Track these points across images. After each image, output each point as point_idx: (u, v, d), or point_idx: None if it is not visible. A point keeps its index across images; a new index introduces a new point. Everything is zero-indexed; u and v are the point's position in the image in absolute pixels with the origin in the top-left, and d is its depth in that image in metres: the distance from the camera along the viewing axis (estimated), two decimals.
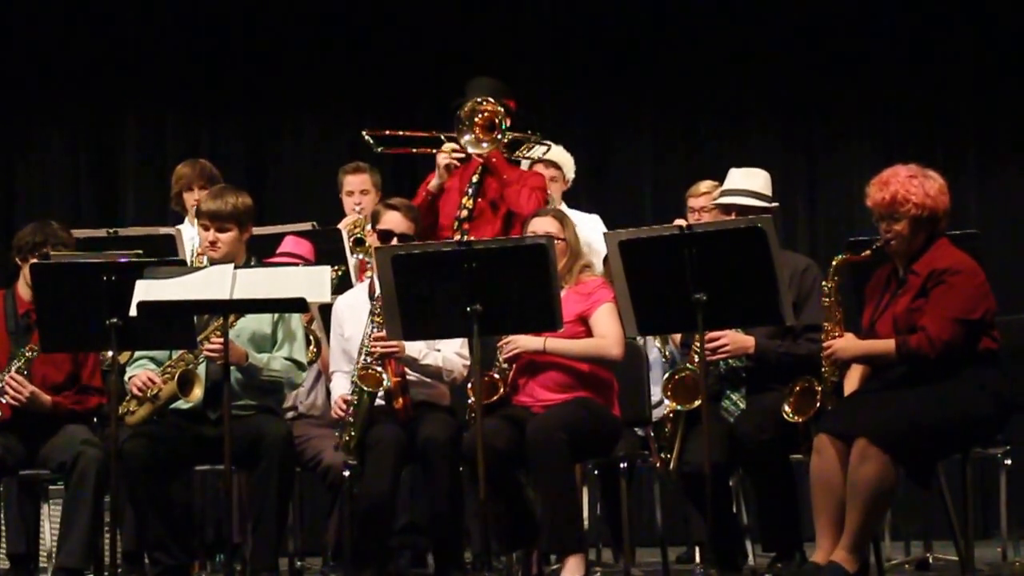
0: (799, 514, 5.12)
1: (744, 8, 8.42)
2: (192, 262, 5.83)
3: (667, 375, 5.24)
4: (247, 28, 8.39)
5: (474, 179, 6.09)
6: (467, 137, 6.02)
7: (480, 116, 6.02)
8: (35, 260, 5.36)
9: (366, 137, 6.26)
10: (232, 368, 5.08)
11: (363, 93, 8.33)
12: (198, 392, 5.16)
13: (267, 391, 5.32)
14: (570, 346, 5.25)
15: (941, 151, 8.15)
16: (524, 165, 6.56)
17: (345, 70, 8.38)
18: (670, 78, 8.41)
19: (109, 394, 5.24)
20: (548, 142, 6.40)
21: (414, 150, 6.39)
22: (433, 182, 6.11)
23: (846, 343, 4.89)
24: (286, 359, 5.30)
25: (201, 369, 5.21)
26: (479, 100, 6.01)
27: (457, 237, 5.93)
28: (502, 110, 6.00)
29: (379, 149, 6.26)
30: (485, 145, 6.01)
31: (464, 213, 6.04)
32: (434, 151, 6.15)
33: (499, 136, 6.01)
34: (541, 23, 8.48)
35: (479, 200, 6.07)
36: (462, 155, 6.07)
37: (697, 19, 8.43)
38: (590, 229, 6.22)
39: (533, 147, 6.27)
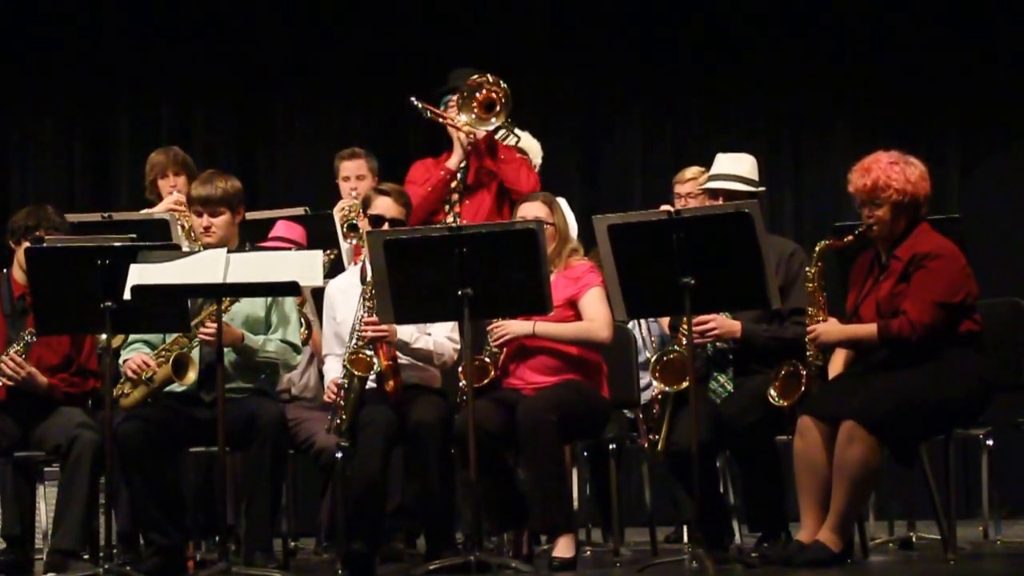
0: (784, 494, 5.19)
1: None
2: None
3: (655, 357, 5.30)
4: (240, 13, 8.41)
5: (462, 162, 6.14)
6: (471, 116, 6.08)
7: (480, 94, 6.08)
8: (28, 244, 5.40)
9: (414, 103, 6.26)
10: (227, 350, 5.14)
11: (355, 78, 8.37)
12: (192, 375, 5.21)
13: (262, 372, 5.38)
14: (560, 330, 5.30)
15: (924, 137, 8.21)
16: None
17: (337, 56, 8.42)
18: (657, 66, 8.46)
19: (104, 377, 5.28)
20: (518, 132, 6.49)
21: (441, 121, 6.38)
22: (453, 160, 6.14)
23: (829, 327, 4.95)
24: (281, 341, 5.36)
25: (195, 352, 5.26)
26: (479, 79, 6.06)
27: (450, 219, 6.00)
28: (501, 88, 6.05)
29: (428, 115, 6.27)
30: (494, 122, 6.07)
31: (455, 196, 6.10)
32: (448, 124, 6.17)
33: (501, 113, 6.06)
34: (532, 12, 8.51)
35: (467, 181, 6.13)
36: (479, 135, 6.11)
37: (684, 7, 8.48)
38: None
39: (507, 136, 6.32)
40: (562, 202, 6.42)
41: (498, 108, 6.07)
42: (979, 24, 8.35)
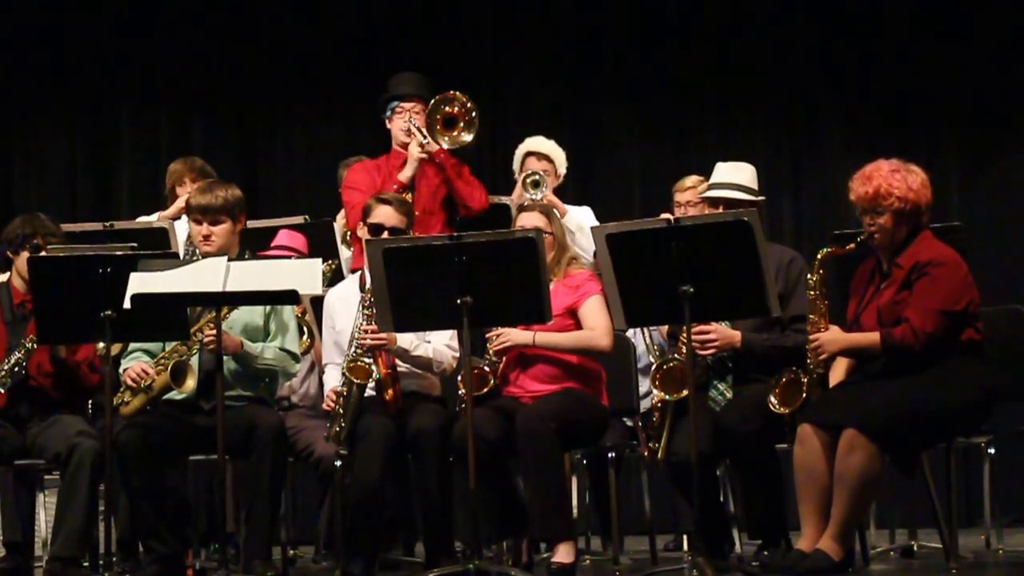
0: (784, 502, 5.18)
1: (729, 5, 8.48)
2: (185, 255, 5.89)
3: (655, 365, 5.29)
4: (240, 22, 8.42)
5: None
6: (442, 137, 6.13)
7: (447, 109, 6.12)
8: (27, 252, 5.41)
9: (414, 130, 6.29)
10: (226, 358, 5.14)
11: (355, 87, 8.37)
12: (191, 383, 5.21)
13: (261, 380, 5.38)
14: (559, 339, 5.29)
15: (923, 146, 8.21)
16: (517, 158, 6.63)
17: (337, 64, 8.43)
18: (657, 74, 8.47)
19: (104, 385, 5.28)
20: (544, 140, 6.54)
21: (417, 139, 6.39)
22: (405, 173, 6.16)
23: (832, 336, 4.95)
24: (280, 349, 5.36)
25: (194, 360, 5.26)
26: (446, 97, 6.12)
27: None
28: (469, 106, 6.10)
29: (400, 139, 6.31)
30: (463, 138, 6.11)
31: None
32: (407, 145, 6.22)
33: (465, 129, 6.11)
34: (530, 19, 8.53)
35: (417, 193, 6.15)
36: (432, 149, 6.15)
37: (683, 17, 8.49)
38: (583, 220, 6.34)
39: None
40: (588, 212, 6.46)
41: (461, 124, 6.12)
42: (979, 31, 8.35)
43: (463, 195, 6.17)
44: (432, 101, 6.16)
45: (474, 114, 6.12)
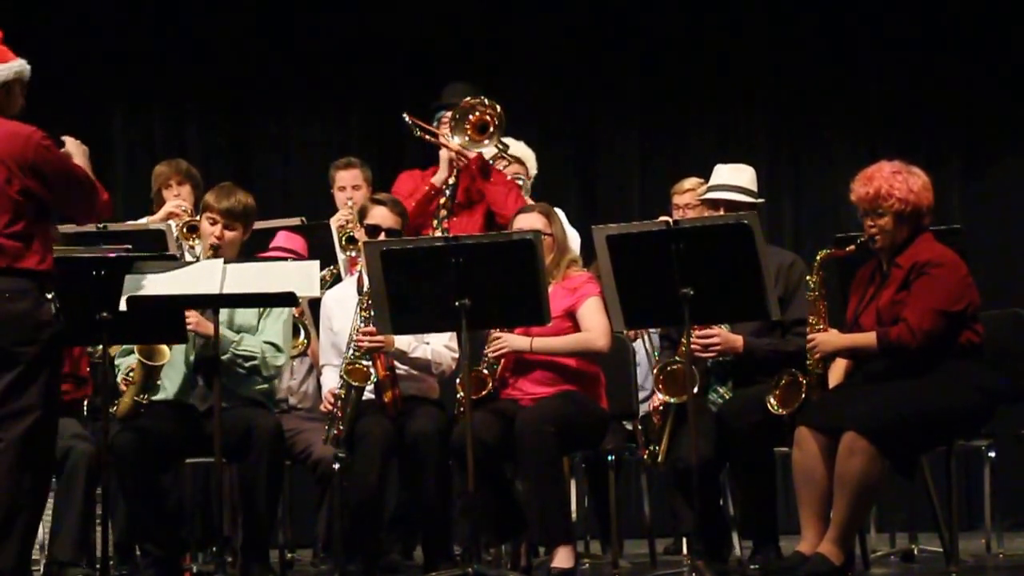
0: (776, 504, 5.15)
1: (730, 9, 8.47)
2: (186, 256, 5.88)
3: (659, 367, 5.27)
4: (233, 24, 8.40)
5: (450, 180, 6.14)
6: (464, 138, 6.10)
7: (473, 116, 6.10)
8: None
9: (406, 119, 6.27)
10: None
11: (348, 89, 8.36)
12: (165, 350, 5.18)
13: (251, 373, 5.33)
14: (557, 344, 5.27)
15: (925, 148, 8.20)
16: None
17: (329, 66, 8.41)
18: (656, 77, 8.46)
19: (98, 386, 5.26)
20: (512, 142, 6.50)
21: (430, 139, 6.39)
22: (438, 176, 6.15)
23: (828, 336, 4.94)
24: (264, 342, 5.33)
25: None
26: (473, 101, 6.08)
27: (439, 234, 6.00)
28: (496, 110, 6.08)
29: (418, 134, 6.29)
30: (487, 144, 6.10)
31: (443, 212, 6.11)
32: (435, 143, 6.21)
33: (494, 135, 6.09)
34: (529, 22, 8.51)
35: (456, 199, 6.14)
36: (470, 155, 6.13)
37: (683, 19, 8.48)
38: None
39: (499, 152, 6.32)
40: (560, 215, 6.43)
41: (491, 130, 6.09)
42: (980, 34, 8.35)
43: (496, 200, 6.09)
44: (460, 106, 6.11)
45: (501, 116, 6.05)
